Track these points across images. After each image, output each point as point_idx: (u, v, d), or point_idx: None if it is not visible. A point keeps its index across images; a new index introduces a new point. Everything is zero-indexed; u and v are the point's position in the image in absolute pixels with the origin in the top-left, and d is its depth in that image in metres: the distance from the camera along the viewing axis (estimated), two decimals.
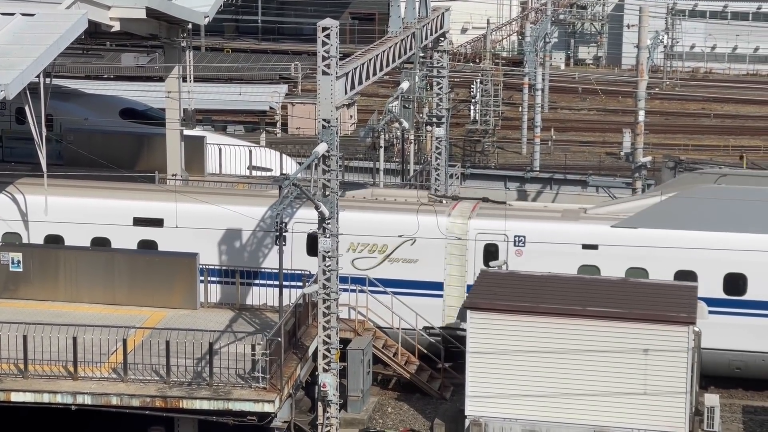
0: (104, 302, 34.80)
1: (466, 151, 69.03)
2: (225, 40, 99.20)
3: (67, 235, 37.40)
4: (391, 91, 56.79)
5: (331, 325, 31.63)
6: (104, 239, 37.37)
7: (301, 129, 70.58)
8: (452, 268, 36.21)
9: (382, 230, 36.28)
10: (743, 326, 35.14)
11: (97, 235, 37.40)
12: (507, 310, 31.10)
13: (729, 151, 69.17)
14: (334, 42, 30.26)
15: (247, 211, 36.62)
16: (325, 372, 31.68)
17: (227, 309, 35.20)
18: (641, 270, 35.22)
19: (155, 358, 30.61)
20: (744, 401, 35.35)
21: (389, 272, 36.30)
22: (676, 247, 34.96)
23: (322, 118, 30.71)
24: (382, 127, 46.62)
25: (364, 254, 36.51)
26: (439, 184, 42.81)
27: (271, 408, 29.57)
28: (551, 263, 35.12)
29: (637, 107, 45.42)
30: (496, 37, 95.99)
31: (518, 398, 31.09)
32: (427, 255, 36.23)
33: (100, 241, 37.34)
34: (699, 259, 34.98)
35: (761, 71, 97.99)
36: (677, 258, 35.03)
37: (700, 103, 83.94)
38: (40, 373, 30.24)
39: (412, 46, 38.86)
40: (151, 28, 40.73)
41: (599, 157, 66.50)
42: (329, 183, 30.91)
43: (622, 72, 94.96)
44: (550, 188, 53.64)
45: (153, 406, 29.68)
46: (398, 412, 34.29)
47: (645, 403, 30.54)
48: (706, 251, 34.85)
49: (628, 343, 30.40)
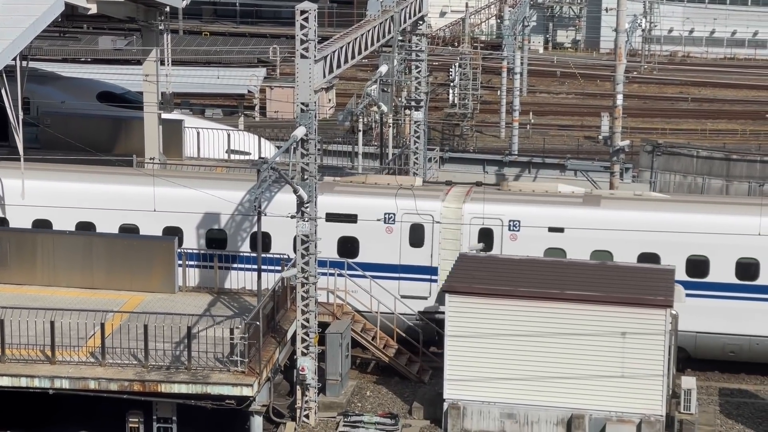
0: (82, 286, 34.69)
1: (445, 135, 69.05)
2: (203, 23, 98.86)
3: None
4: (369, 74, 56.79)
5: (310, 309, 31.63)
6: (89, 223, 37.15)
7: (280, 112, 70.47)
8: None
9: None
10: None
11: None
12: (485, 294, 31.18)
13: (706, 134, 69.41)
14: (313, 25, 30.19)
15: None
16: (304, 356, 31.70)
17: (206, 293, 35.15)
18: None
19: (133, 342, 30.57)
20: (720, 384, 35.55)
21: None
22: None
23: (300, 102, 30.66)
24: (360, 111, 46.62)
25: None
26: (418, 168, 42.88)
27: (249, 392, 29.58)
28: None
29: (615, 91, 45.45)
30: (474, 21, 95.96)
31: (496, 381, 31.19)
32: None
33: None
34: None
35: (738, 55, 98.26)
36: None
37: (678, 86, 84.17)
38: (18, 357, 30.16)
39: (391, 29, 38.82)
40: (129, 10, 40.57)
41: (577, 141, 66.61)
42: (308, 167, 30.87)
43: (600, 56, 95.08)
44: (528, 172, 53.67)
45: (131, 390, 29.65)
46: (377, 395, 34.35)
47: (622, 386, 30.67)
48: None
49: (605, 326, 30.52)
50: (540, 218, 35.86)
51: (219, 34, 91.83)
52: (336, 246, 36.33)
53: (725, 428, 32.41)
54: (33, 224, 37.11)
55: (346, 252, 36.38)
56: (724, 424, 32.65)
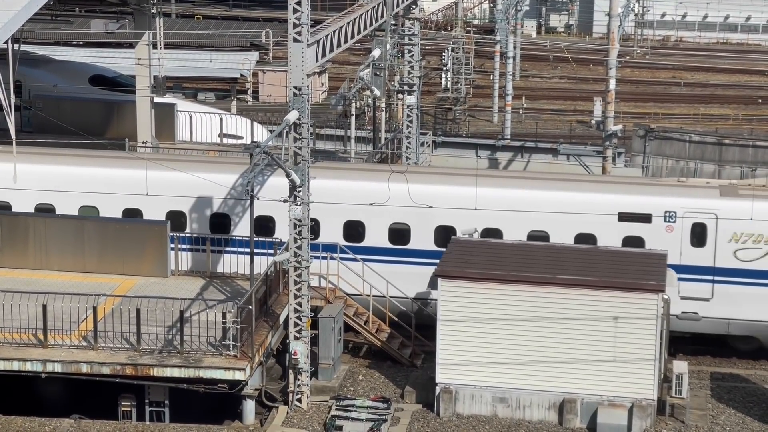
0: (74, 270, 34.66)
1: (438, 119, 69.01)
2: (195, 7, 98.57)
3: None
4: (362, 58, 56.63)
5: (302, 293, 31.65)
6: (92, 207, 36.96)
7: (272, 96, 70.32)
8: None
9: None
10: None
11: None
12: (478, 278, 31.20)
13: (699, 119, 69.43)
14: (306, 9, 30.12)
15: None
16: (296, 340, 31.71)
17: (198, 277, 35.14)
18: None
19: (126, 326, 30.57)
20: (712, 368, 35.62)
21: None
22: None
23: (293, 86, 30.61)
24: (353, 95, 46.52)
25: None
26: (410, 152, 42.86)
27: (241, 376, 29.60)
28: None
29: (608, 75, 45.48)
30: (467, 5, 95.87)
31: (488, 366, 31.23)
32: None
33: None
34: None
35: (731, 39, 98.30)
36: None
37: (671, 71, 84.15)
38: (10, 341, 30.15)
39: (384, 13, 38.74)
40: None
41: (570, 126, 66.62)
42: (300, 151, 30.85)
43: (593, 40, 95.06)
44: (521, 156, 53.71)
45: (123, 373, 29.67)
46: (369, 379, 34.38)
47: (614, 371, 30.74)
48: None
49: (597, 310, 30.56)
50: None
51: (211, 18, 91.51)
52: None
53: (716, 412, 32.48)
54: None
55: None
56: (716, 408, 32.72)
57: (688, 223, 35.10)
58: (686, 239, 35.15)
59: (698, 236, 35.13)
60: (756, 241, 34.93)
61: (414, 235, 36.11)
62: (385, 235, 36.18)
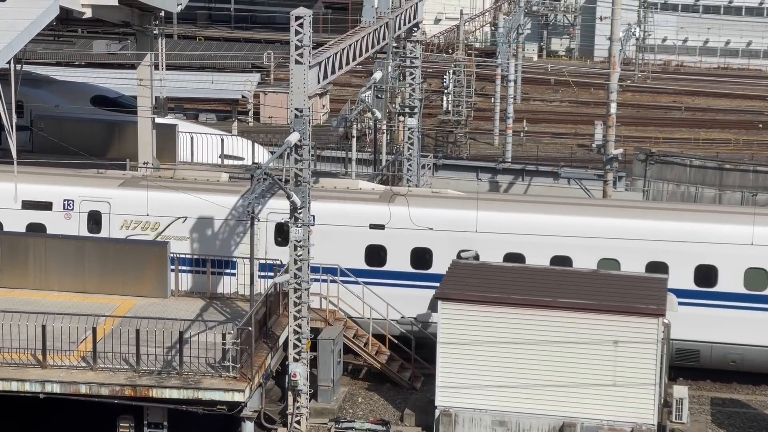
0: (74, 290, 34.62)
1: (439, 142, 69.07)
2: (197, 28, 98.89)
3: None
4: (364, 81, 56.76)
5: (302, 315, 31.61)
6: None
7: (274, 118, 70.41)
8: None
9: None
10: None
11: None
12: (478, 301, 31.16)
13: (700, 143, 69.50)
14: (307, 31, 30.19)
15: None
16: (296, 361, 31.65)
17: (198, 298, 35.11)
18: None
19: (125, 346, 30.51)
20: (712, 393, 35.56)
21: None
22: None
23: (294, 108, 30.65)
24: (354, 117, 46.58)
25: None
26: (411, 175, 42.87)
27: (241, 397, 29.53)
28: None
29: (609, 99, 45.55)
30: (469, 28, 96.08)
31: (488, 389, 31.16)
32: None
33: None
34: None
35: (732, 64, 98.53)
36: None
37: (672, 95, 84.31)
38: (9, 361, 30.08)
39: (386, 36, 38.83)
40: (124, 15, 40.54)
41: (571, 149, 66.67)
42: (301, 172, 30.86)
43: (594, 64, 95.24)
44: (522, 180, 53.71)
45: (122, 394, 29.58)
46: (368, 402, 34.32)
47: (614, 395, 30.66)
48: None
49: (597, 334, 30.51)
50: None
51: (213, 39, 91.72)
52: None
53: None
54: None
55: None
56: None
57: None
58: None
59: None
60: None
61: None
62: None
